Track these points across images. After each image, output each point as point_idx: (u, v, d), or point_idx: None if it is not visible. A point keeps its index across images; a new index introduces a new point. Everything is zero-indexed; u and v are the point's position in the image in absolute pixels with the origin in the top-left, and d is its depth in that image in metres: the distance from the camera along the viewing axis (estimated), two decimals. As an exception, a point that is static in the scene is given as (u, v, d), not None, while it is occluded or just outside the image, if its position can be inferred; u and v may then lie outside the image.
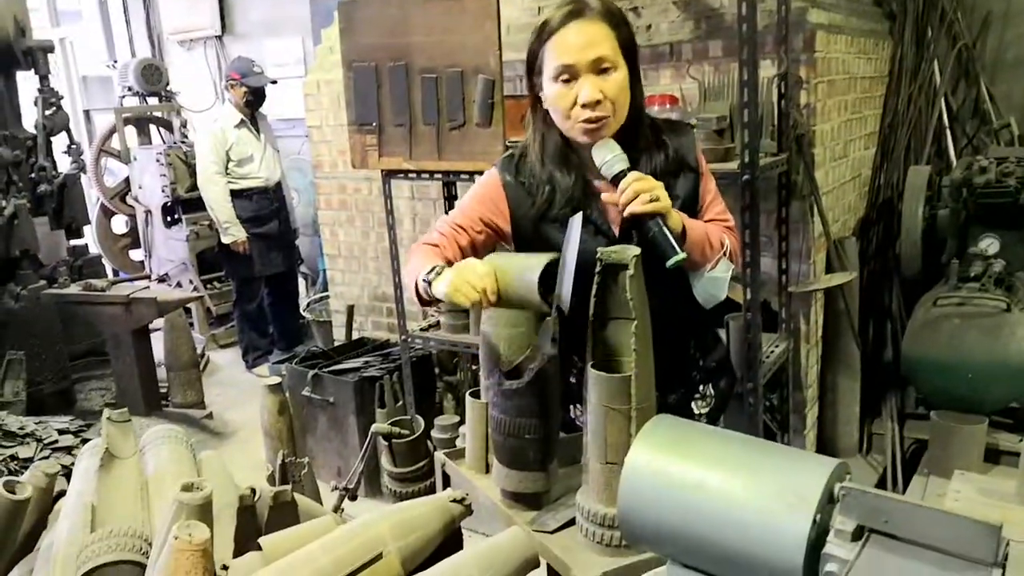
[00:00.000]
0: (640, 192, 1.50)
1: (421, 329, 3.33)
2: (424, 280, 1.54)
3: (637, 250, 1.39)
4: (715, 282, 1.66)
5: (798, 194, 2.82)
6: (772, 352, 2.74)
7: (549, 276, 1.48)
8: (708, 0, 2.98)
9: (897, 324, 3.45)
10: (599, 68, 1.54)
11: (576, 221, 1.56)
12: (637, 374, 1.33)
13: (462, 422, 3.23)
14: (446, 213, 3.49)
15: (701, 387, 1.82)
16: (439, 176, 3.10)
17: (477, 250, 1.71)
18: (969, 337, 2.88)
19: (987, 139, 3.80)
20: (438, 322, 3.31)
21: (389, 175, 3.12)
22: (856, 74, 3.32)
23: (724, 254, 1.66)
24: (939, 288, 3.10)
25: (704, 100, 2.86)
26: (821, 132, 2.91)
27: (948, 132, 3.83)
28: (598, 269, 1.43)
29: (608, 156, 1.57)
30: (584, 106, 1.54)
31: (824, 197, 2.93)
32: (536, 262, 1.49)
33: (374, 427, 2.16)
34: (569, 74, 1.56)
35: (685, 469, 1.04)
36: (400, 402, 3.33)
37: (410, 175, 3.06)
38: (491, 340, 1.68)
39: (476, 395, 1.78)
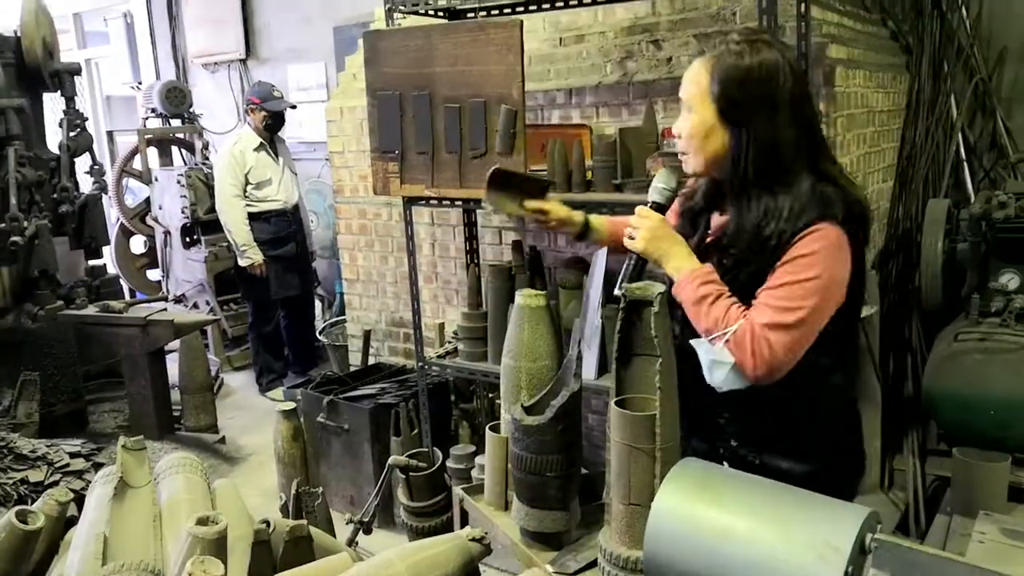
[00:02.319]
0: (630, 225, 1.62)
1: (438, 356, 3.33)
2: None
3: (662, 287, 1.39)
4: (707, 359, 1.53)
5: (818, 228, 2.81)
6: (791, 386, 2.71)
7: None
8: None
9: (917, 358, 3.42)
10: (686, 107, 1.61)
11: (600, 256, 1.57)
12: (662, 413, 1.32)
13: (478, 452, 3.22)
14: (466, 239, 3.55)
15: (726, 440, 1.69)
16: (460, 203, 3.11)
17: None
18: (991, 373, 2.84)
19: (1004, 172, 3.79)
20: (455, 349, 3.31)
21: (410, 201, 3.14)
22: (875, 108, 3.32)
23: (722, 336, 1.50)
24: (959, 322, 3.07)
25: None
26: (841, 165, 2.90)
27: (965, 165, 3.82)
28: (622, 305, 1.43)
29: (655, 183, 1.66)
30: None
31: (844, 230, 2.92)
32: None
33: (391, 459, 2.15)
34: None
35: (713, 515, 1.03)
36: (416, 430, 3.32)
37: (431, 202, 3.08)
38: (512, 373, 1.67)
39: (496, 428, 1.77)
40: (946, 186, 3.73)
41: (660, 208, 1.65)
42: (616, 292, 1.52)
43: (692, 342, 1.54)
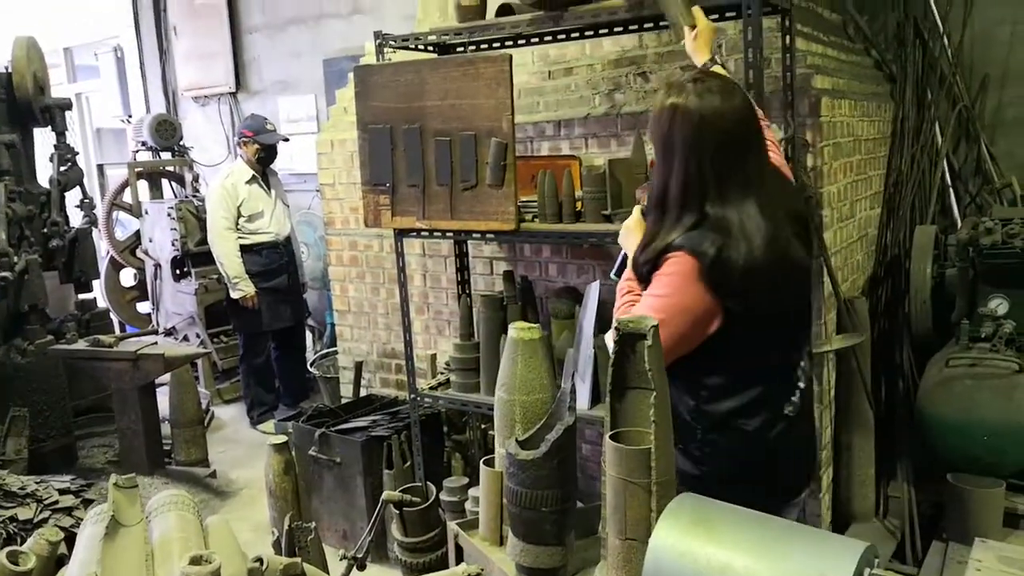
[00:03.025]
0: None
1: (430, 387, 3.32)
2: None
3: (655, 320, 1.39)
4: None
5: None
6: (785, 414, 2.71)
7: None
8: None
9: (909, 383, 3.43)
10: None
11: (594, 287, 1.58)
12: (657, 447, 1.32)
13: (472, 484, 3.19)
14: (457, 270, 3.56)
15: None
16: (451, 234, 3.12)
17: None
18: (983, 398, 2.86)
19: (990, 198, 3.84)
20: (448, 380, 3.30)
21: (401, 233, 3.15)
22: (860, 136, 3.37)
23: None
24: (950, 348, 3.09)
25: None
26: (828, 194, 2.94)
27: (951, 191, 3.87)
28: (615, 338, 1.43)
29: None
30: None
31: (833, 257, 2.94)
32: None
33: (385, 495, 2.14)
34: None
35: (711, 552, 1.03)
36: (408, 463, 3.30)
37: (423, 233, 3.09)
38: (507, 407, 1.67)
39: (490, 462, 1.76)
40: (933, 212, 3.77)
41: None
42: (611, 276, 1.81)
43: None
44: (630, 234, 1.91)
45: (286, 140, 5.13)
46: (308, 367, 5.26)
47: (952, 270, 3.28)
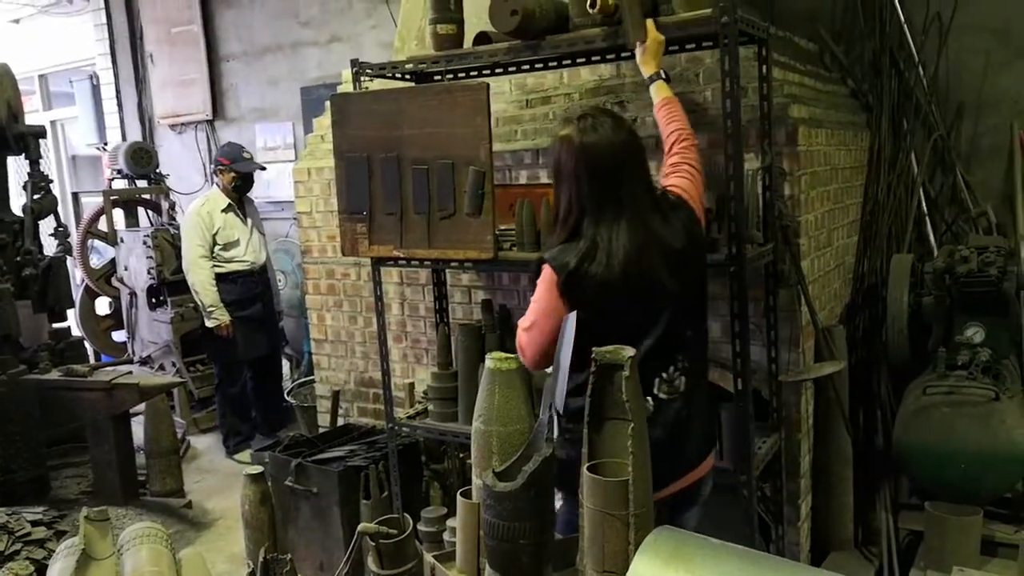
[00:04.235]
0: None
1: (408, 417, 3.28)
2: None
3: (632, 351, 1.39)
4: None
5: (785, 283, 2.85)
6: (764, 442, 2.71)
7: None
8: (692, 96, 3.06)
9: (887, 411, 3.44)
10: None
11: (570, 319, 1.57)
12: (635, 478, 1.30)
13: (450, 514, 3.15)
14: (435, 299, 3.54)
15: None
16: (429, 263, 3.10)
17: None
18: (960, 426, 2.87)
19: (966, 226, 3.88)
20: (426, 409, 3.26)
21: (379, 262, 3.13)
22: (837, 165, 3.40)
23: None
24: (927, 376, 3.11)
25: (690, 190, 2.91)
26: (806, 222, 2.96)
27: (928, 219, 3.91)
28: (592, 369, 1.42)
29: None
30: None
31: (810, 286, 2.96)
32: None
33: (361, 527, 2.10)
34: None
35: (689, 587, 1.01)
36: (385, 493, 3.25)
37: (400, 262, 3.07)
38: (483, 438, 1.65)
39: (467, 494, 1.73)
40: (909, 240, 3.81)
41: None
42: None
43: None
44: None
45: (263, 169, 5.11)
46: (285, 396, 5.20)
47: (929, 298, 3.31)
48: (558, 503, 1.90)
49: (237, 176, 4.86)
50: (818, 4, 4.15)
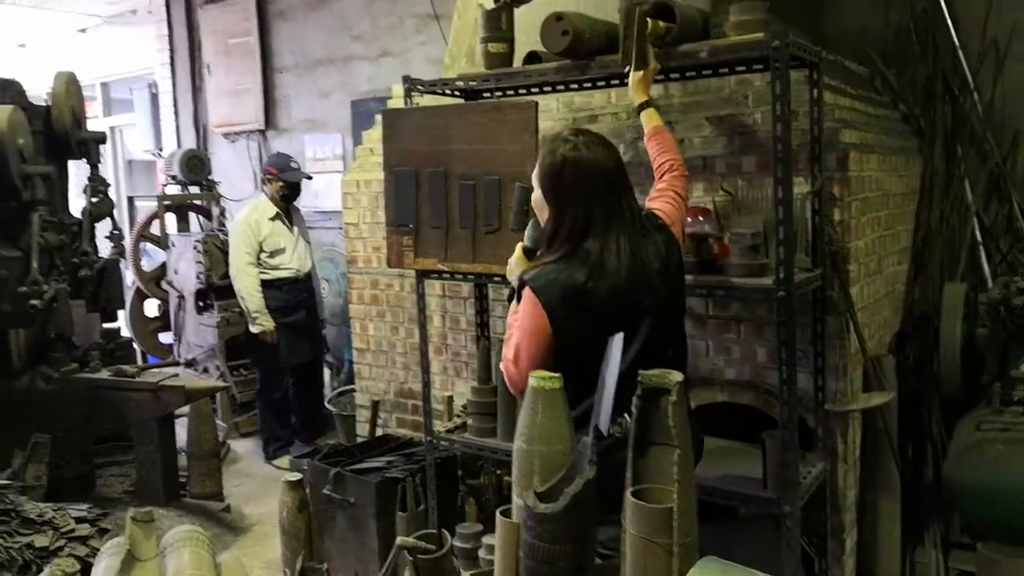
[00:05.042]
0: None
1: (447, 430, 3.29)
2: None
3: (679, 375, 1.37)
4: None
5: (834, 310, 2.80)
6: (809, 472, 2.66)
7: None
8: (741, 117, 3.05)
9: (938, 445, 3.35)
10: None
11: (616, 341, 1.56)
12: (680, 506, 1.29)
13: (486, 530, 3.15)
14: (477, 312, 3.55)
15: None
16: (472, 277, 3.12)
17: None
18: (1016, 464, 2.77)
19: (1021, 256, 3.78)
20: (464, 423, 3.27)
21: (423, 274, 3.15)
22: (888, 191, 3.34)
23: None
24: (981, 410, 3.02)
25: (737, 213, 2.89)
26: (856, 248, 2.91)
27: (982, 248, 3.82)
28: (638, 392, 1.41)
29: (527, 230, 2.30)
30: None
31: (859, 313, 2.90)
32: None
33: (400, 540, 2.10)
34: None
35: (734, 622, 0.99)
36: (422, 506, 3.26)
37: (444, 275, 3.09)
38: (525, 457, 1.65)
39: (507, 512, 1.73)
40: (962, 270, 3.72)
41: (528, 250, 2.24)
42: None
43: None
44: (511, 273, 2.23)
45: (309, 178, 5.20)
46: (325, 403, 5.25)
47: (983, 330, 3.22)
48: None
49: (284, 185, 4.95)
50: (869, 27, 4.09)
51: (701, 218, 2.86)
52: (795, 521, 2.42)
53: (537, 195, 2.14)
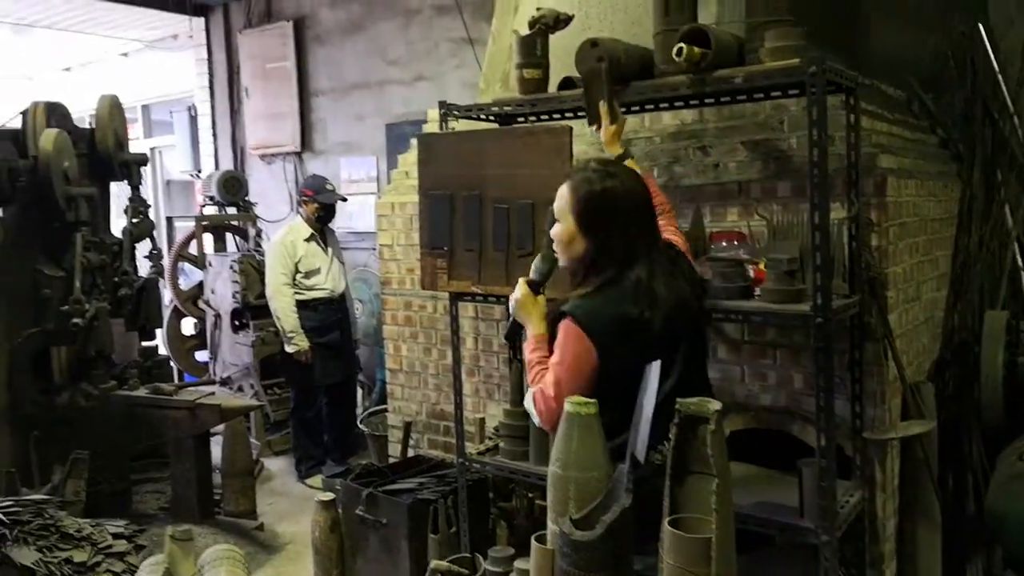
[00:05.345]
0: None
1: (479, 452, 3.29)
2: None
3: (718, 404, 1.37)
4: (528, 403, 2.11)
5: (872, 336, 2.77)
6: (847, 501, 2.62)
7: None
8: (776, 142, 3.04)
9: (979, 476, 3.28)
10: (556, 217, 2.15)
11: (654, 369, 1.56)
12: (719, 536, 1.28)
13: (517, 555, 3.13)
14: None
15: None
16: (505, 300, 3.13)
17: None
18: (1059, 496, 2.71)
19: (1064, 283, 3.71)
20: (496, 446, 3.27)
21: (457, 297, 3.18)
22: (927, 216, 3.30)
23: (529, 392, 2.08)
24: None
25: (772, 238, 2.87)
26: (893, 274, 2.88)
27: (1023, 275, 3.75)
28: (676, 420, 1.41)
29: (533, 264, 2.24)
30: None
31: (898, 340, 2.86)
32: None
33: (433, 564, 2.12)
34: None
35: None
36: (453, 528, 3.25)
37: (478, 297, 3.11)
38: (560, 483, 1.65)
39: (541, 538, 1.73)
40: (1003, 297, 3.65)
41: (534, 284, 2.19)
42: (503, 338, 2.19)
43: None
44: (522, 307, 2.17)
45: (344, 200, 5.27)
46: (357, 423, 5.28)
47: (1024, 358, 3.16)
48: None
49: (320, 207, 5.02)
50: (906, 51, 4.06)
51: (736, 243, 2.85)
52: (833, 551, 2.38)
53: (563, 228, 2.12)
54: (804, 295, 2.47)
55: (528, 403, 2.09)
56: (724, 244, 2.88)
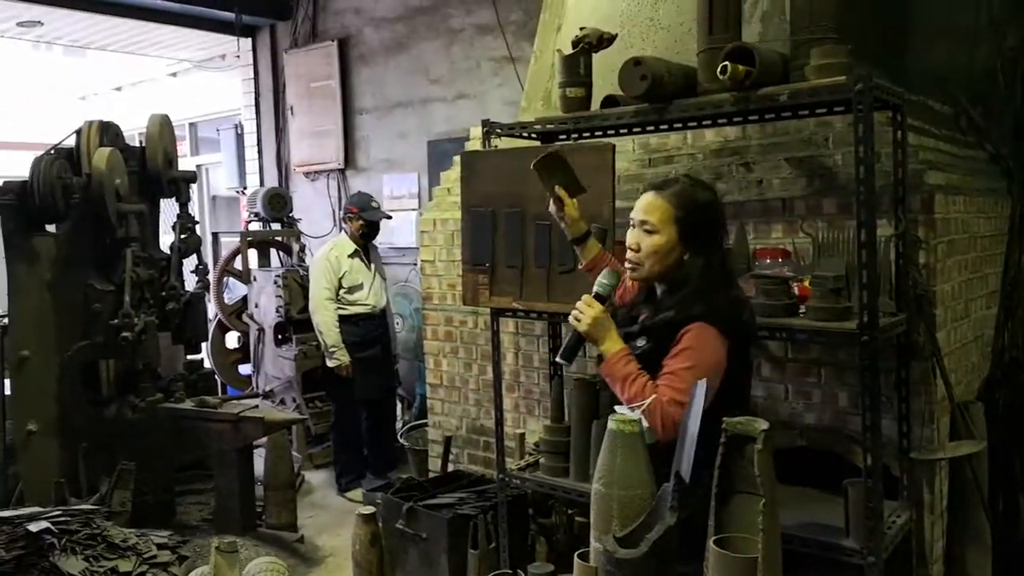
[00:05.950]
0: (576, 308, 2.11)
1: (519, 468, 3.30)
2: None
3: (765, 424, 1.36)
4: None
5: (919, 355, 2.72)
6: (894, 522, 2.57)
7: None
8: (821, 159, 3.02)
9: (1031, 498, 3.19)
10: (644, 227, 2.12)
11: (700, 387, 1.56)
12: (765, 556, 1.27)
13: (557, 571, 3.12)
14: (550, 351, 3.57)
15: None
16: (546, 316, 3.15)
17: None
18: (1117, 521, 2.63)
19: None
20: (536, 462, 3.27)
21: (498, 312, 3.20)
22: (976, 233, 3.24)
23: (638, 406, 1.92)
24: (1078, 463, 2.88)
25: (818, 256, 2.85)
26: (942, 292, 2.83)
27: (1075, 292, 3.65)
28: (723, 440, 1.41)
29: (599, 279, 2.16)
30: (628, 247, 2.16)
31: (946, 358, 2.81)
32: None
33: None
34: (631, 222, 2.18)
35: None
36: (493, 544, 3.26)
37: (519, 313, 3.13)
38: (604, 501, 1.65)
39: (584, 556, 1.73)
40: (1055, 315, 3.56)
41: (601, 299, 2.12)
42: (558, 359, 2.23)
43: (616, 408, 1.91)
44: (598, 325, 2.08)
45: (389, 218, 5.33)
46: (397, 437, 5.32)
47: (1078, 377, 3.08)
48: None
49: (365, 224, 5.10)
50: (954, 66, 4.00)
51: (781, 260, 2.83)
52: (879, 572, 2.34)
53: (664, 239, 2.08)
54: (850, 313, 2.45)
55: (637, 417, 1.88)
56: (768, 261, 2.87)
